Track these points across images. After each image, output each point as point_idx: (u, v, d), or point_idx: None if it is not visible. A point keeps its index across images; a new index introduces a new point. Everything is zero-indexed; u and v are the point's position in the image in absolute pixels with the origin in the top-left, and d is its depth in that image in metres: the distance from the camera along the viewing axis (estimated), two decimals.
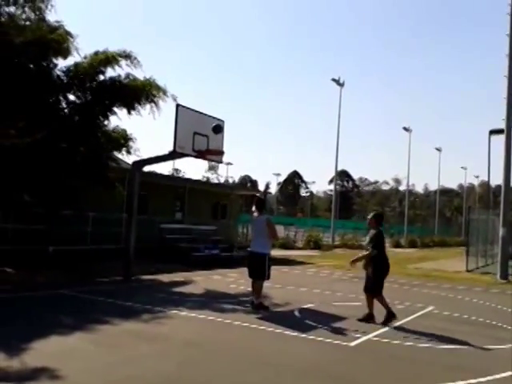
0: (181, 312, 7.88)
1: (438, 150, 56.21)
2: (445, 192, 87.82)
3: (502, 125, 17.35)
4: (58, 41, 11.00)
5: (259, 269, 8.43)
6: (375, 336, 6.80)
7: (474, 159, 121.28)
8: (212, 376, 4.81)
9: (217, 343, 6.13)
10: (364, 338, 6.61)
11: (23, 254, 12.56)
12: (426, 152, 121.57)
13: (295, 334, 6.71)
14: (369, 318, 7.79)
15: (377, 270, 7.90)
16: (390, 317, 7.73)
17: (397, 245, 39.38)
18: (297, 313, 8.35)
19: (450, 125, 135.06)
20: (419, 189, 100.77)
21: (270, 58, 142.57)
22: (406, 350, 6.21)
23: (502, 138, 17.66)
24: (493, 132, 29.85)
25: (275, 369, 5.17)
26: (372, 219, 8.17)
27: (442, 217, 75.35)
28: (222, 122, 11.90)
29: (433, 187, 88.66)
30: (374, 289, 7.87)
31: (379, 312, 7.81)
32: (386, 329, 7.34)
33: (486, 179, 38.68)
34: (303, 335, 6.64)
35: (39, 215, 13.29)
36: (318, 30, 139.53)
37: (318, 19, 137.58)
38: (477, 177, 74.61)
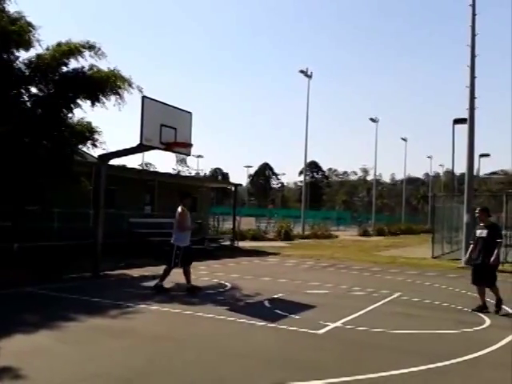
0: (150, 306, 7.83)
1: (404, 139, 57.42)
2: (411, 181, 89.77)
3: (466, 114, 17.80)
4: (19, 32, 10.68)
5: (168, 256, 9.47)
6: (343, 323, 6.93)
7: (439, 148, 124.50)
8: (182, 369, 4.81)
9: (186, 336, 6.13)
10: (332, 326, 6.72)
11: None
12: (392, 142, 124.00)
13: (264, 323, 6.77)
14: (483, 309, 8.08)
15: (498, 261, 8.11)
16: (499, 304, 8.10)
17: (365, 233, 40.11)
18: (267, 303, 8.42)
19: (415, 115, 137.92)
20: (386, 178, 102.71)
21: (240, 49, 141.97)
22: (372, 337, 6.35)
23: (465, 127, 18.14)
24: (456, 121, 30.59)
25: (244, 359, 5.21)
26: (482, 212, 8.42)
27: (409, 205, 77.14)
28: (190, 113, 11.80)
29: (399, 176, 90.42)
30: (493, 280, 8.09)
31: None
32: (354, 316, 7.49)
33: (451, 168, 39.67)
34: (272, 325, 6.71)
35: (3, 211, 12.91)
36: (287, 21, 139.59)
37: (287, 9, 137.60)
38: (442, 165, 76.63)
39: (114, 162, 15.91)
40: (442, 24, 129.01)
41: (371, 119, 48.45)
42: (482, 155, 44.27)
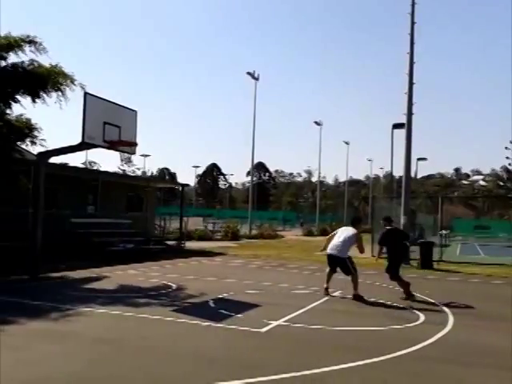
0: (92, 309, 7.68)
1: (347, 143, 58.96)
2: (353, 183, 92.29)
3: (404, 119, 18.64)
4: None
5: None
6: (285, 321, 7.11)
7: (380, 152, 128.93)
8: (122, 372, 4.77)
9: (130, 339, 6.07)
10: (274, 324, 6.88)
11: None
12: (335, 145, 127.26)
13: (209, 323, 6.82)
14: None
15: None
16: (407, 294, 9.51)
17: (309, 233, 40.95)
18: (211, 303, 8.47)
19: (357, 119, 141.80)
20: (330, 180, 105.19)
21: (189, 49, 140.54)
22: (314, 334, 6.56)
23: (403, 131, 18.98)
24: (395, 126, 31.92)
25: (186, 360, 5.24)
26: (384, 221, 10.56)
27: (351, 206, 79.34)
28: (135, 111, 11.65)
29: (342, 178, 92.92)
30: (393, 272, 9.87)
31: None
32: (296, 313, 7.69)
33: (390, 170, 41.27)
34: (216, 324, 6.77)
35: None
36: (235, 22, 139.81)
37: (235, 12, 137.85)
38: (381, 168, 79.58)
39: (57, 160, 15.42)
40: (383, 29, 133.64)
41: (315, 122, 49.42)
42: (419, 159, 46.30)
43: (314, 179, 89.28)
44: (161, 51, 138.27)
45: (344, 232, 9.77)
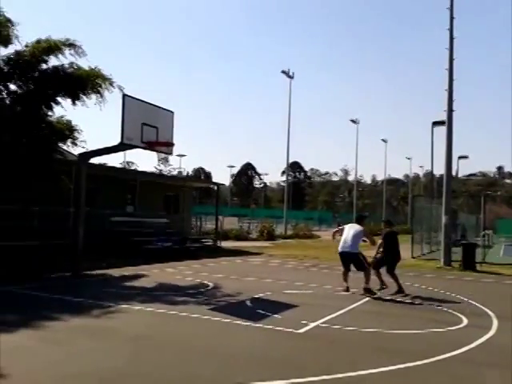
0: (131, 306, 7.79)
1: (384, 141, 58.01)
2: (391, 182, 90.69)
3: (444, 116, 18.11)
4: None
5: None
6: (323, 322, 7.00)
7: (419, 150, 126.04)
8: (161, 369, 4.81)
9: (167, 336, 6.12)
10: (312, 325, 6.78)
11: None
12: (373, 143, 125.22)
13: (246, 323, 6.80)
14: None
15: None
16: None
17: None
18: (249, 302, 8.45)
19: (396, 117, 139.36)
20: (367, 179, 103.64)
21: (223, 49, 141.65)
22: (352, 335, 6.44)
23: (444, 129, 18.45)
24: (435, 123, 31.11)
25: (225, 359, 5.23)
26: (384, 224, 11.25)
27: (389, 206, 77.91)
28: (172, 112, 11.77)
29: (380, 177, 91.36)
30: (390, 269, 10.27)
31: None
32: (334, 315, 7.57)
33: (430, 169, 40.25)
34: (254, 324, 6.74)
35: None
36: (270, 21, 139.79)
37: (270, 11, 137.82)
38: (421, 167, 77.67)
39: (96, 160, 15.78)
40: (423, 27, 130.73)
41: (352, 120, 48.89)
42: (460, 157, 44.96)
43: (351, 178, 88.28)
44: (195, 51, 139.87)
45: (351, 229, 10.16)
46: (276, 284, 10.90)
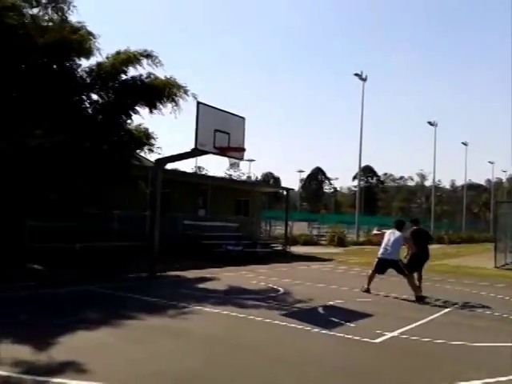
0: (205, 308, 7.92)
1: (465, 144, 55.16)
2: (472, 187, 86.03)
3: None
4: (80, 41, 11.16)
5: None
6: (400, 333, 6.70)
7: (502, 154, 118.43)
8: (236, 373, 4.80)
9: (241, 340, 6.13)
10: (389, 335, 6.51)
11: (51, 251, 12.81)
12: (452, 146, 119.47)
13: (319, 330, 6.66)
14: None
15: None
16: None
17: None
18: (321, 309, 8.29)
19: (476, 119, 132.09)
20: (446, 184, 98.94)
21: (293, 53, 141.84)
22: (431, 347, 6.09)
23: None
24: None
25: (299, 366, 5.13)
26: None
27: (470, 212, 73.86)
28: (243, 118, 11.91)
29: (460, 182, 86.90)
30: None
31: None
32: (412, 326, 7.23)
33: None
34: (327, 332, 6.58)
35: (66, 213, 13.54)
36: (341, 24, 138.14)
37: (342, 13, 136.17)
38: (504, 171, 72.90)
39: (168, 166, 16.33)
40: (497, 21, 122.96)
41: (429, 123, 46.92)
42: None
43: (428, 183, 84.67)
44: (264, 55, 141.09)
45: (391, 235, 10.28)
46: (349, 292, 10.61)
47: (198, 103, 10.99)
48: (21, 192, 11.71)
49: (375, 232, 11.96)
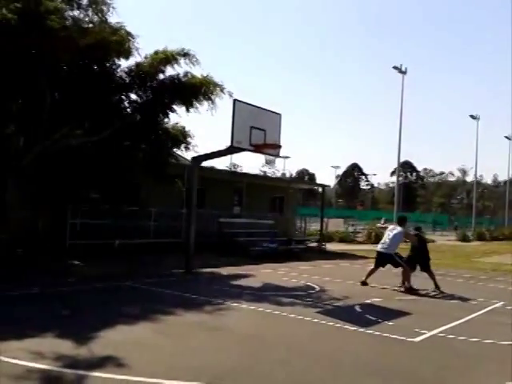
0: (240, 304, 7.97)
1: (509, 138, 53.11)
2: None
3: None
4: (119, 42, 11.32)
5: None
6: (440, 332, 6.54)
7: None
8: (271, 370, 4.81)
9: (276, 337, 6.14)
10: (428, 334, 6.37)
11: (90, 248, 13.20)
12: (494, 141, 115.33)
13: (356, 328, 6.59)
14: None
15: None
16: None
17: (464, 238, 37.68)
18: (357, 307, 8.19)
19: None
20: (488, 179, 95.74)
21: (328, 47, 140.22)
22: (472, 347, 5.94)
23: None
24: None
25: (335, 364, 5.10)
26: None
27: None
28: (279, 115, 11.87)
29: (502, 177, 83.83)
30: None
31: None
32: (452, 324, 7.05)
33: None
34: (365, 330, 6.51)
35: (105, 211, 13.90)
36: (379, 15, 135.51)
37: (378, 6, 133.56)
38: None
39: (204, 163, 16.50)
40: None
41: (471, 116, 45.44)
42: None
43: (470, 178, 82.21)
44: (301, 50, 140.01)
45: (393, 230, 10.59)
46: (387, 290, 10.43)
47: (235, 100, 11.03)
48: (63, 190, 12.10)
49: (380, 225, 12.52)
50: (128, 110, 12.56)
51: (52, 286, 9.03)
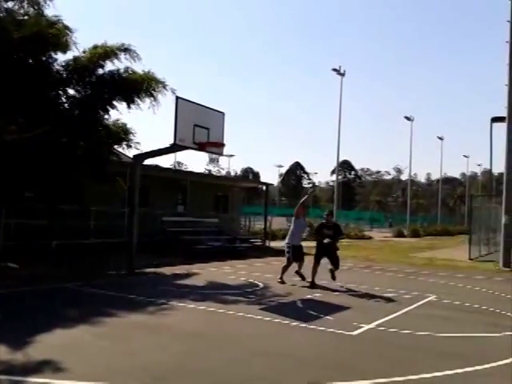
0: (184, 304, 7.93)
1: (441, 138, 56.15)
2: (447, 181, 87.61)
3: (504, 112, 17.27)
4: (56, 35, 10.94)
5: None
6: (377, 325, 6.84)
7: (477, 147, 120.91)
8: (215, 367, 4.85)
9: (220, 334, 6.17)
10: (366, 327, 6.64)
11: (26, 249, 12.61)
12: (428, 141, 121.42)
13: (297, 323, 6.75)
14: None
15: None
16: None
17: (399, 234, 39.39)
18: (299, 303, 8.39)
19: (451, 113, 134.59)
20: (422, 178, 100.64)
21: (270, 48, 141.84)
22: (407, 339, 6.25)
23: (503, 125, 17.59)
24: (494, 120, 29.60)
25: (278, 358, 5.21)
26: (328, 215, 11.26)
27: (445, 206, 75.35)
28: (223, 113, 11.89)
29: (435, 176, 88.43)
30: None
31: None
32: (388, 317, 7.38)
33: (489, 167, 38.52)
34: (306, 325, 6.68)
35: (42, 210, 13.32)
36: (318, 17, 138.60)
37: (318, 9, 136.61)
38: (479, 165, 74.27)
39: (147, 161, 16.22)
40: (480, 21, 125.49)
41: (406, 117, 47.57)
42: None
43: (404, 177, 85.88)
44: (243, 49, 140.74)
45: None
46: (327, 285, 10.74)
47: (177, 98, 10.93)
48: None
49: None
50: (66, 105, 12.11)
51: None
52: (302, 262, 10.92)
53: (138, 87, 11.78)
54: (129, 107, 12.16)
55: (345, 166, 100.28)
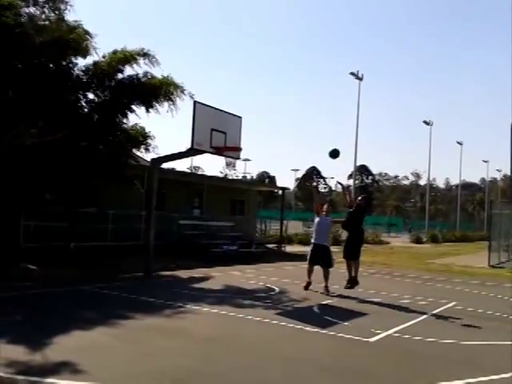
0: (201, 308, 7.93)
1: (460, 143, 55.32)
2: (467, 186, 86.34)
3: None
4: (77, 40, 11.10)
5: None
6: (395, 332, 6.74)
7: (496, 152, 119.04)
8: (232, 372, 4.83)
9: (237, 339, 6.16)
10: (384, 334, 6.55)
11: (45, 251, 12.78)
12: (447, 146, 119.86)
13: (314, 329, 6.69)
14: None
15: None
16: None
17: (417, 240, 38.90)
18: (316, 308, 8.33)
19: (471, 118, 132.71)
20: (440, 183, 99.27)
21: (287, 52, 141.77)
22: (426, 346, 6.14)
23: None
24: None
25: (294, 364, 5.16)
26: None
27: (464, 211, 74.16)
28: (240, 118, 11.91)
29: (454, 181, 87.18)
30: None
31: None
32: (407, 324, 7.28)
33: (509, 173, 37.83)
34: (322, 331, 6.62)
35: (61, 213, 13.50)
36: (337, 22, 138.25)
37: (335, 13, 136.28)
38: (499, 170, 72.96)
39: (166, 165, 16.32)
40: (501, 25, 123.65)
41: (425, 122, 47.08)
42: None
43: (423, 182, 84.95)
44: (262, 54, 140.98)
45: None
46: (343, 291, 10.63)
47: (195, 102, 10.99)
48: (16, 192, 11.67)
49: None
50: (85, 109, 12.28)
51: (5, 290, 8.68)
52: (327, 267, 10.25)
53: (156, 92, 11.89)
54: (147, 111, 12.28)
55: (362, 171, 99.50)
